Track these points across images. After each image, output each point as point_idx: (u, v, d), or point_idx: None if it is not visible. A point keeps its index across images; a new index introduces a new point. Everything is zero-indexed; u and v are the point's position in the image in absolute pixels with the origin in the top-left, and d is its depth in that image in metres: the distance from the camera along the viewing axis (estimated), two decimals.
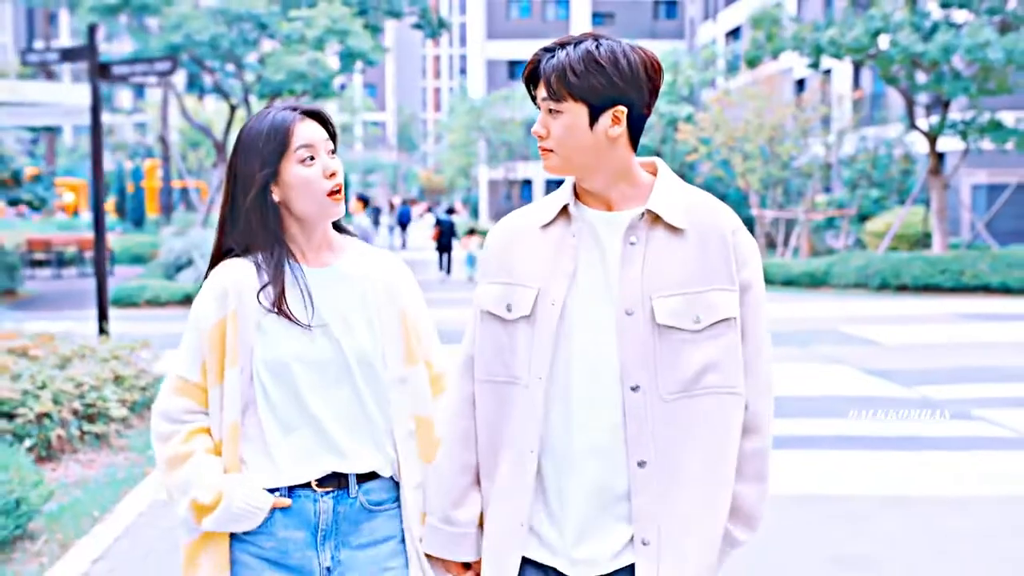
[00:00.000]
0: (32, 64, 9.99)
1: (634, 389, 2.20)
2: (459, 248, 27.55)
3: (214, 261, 2.50)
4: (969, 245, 25.12)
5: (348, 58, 22.14)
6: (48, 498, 5.76)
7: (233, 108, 24.46)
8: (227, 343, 2.40)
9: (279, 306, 2.39)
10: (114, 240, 28.90)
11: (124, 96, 71.94)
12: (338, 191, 2.42)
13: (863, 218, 27.40)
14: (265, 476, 2.41)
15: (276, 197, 2.41)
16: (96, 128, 9.66)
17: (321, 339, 2.42)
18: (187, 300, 18.23)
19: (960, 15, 21.66)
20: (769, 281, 23.53)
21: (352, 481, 2.43)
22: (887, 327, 15.52)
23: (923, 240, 25.29)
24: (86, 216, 39.15)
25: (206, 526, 2.39)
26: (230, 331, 2.40)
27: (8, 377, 7.36)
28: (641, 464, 2.20)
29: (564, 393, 2.25)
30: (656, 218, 2.26)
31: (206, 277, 2.49)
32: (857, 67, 32.07)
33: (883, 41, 21.04)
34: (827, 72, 35.36)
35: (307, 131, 2.41)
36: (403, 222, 42.99)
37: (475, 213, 64.83)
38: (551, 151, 2.27)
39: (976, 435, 8.41)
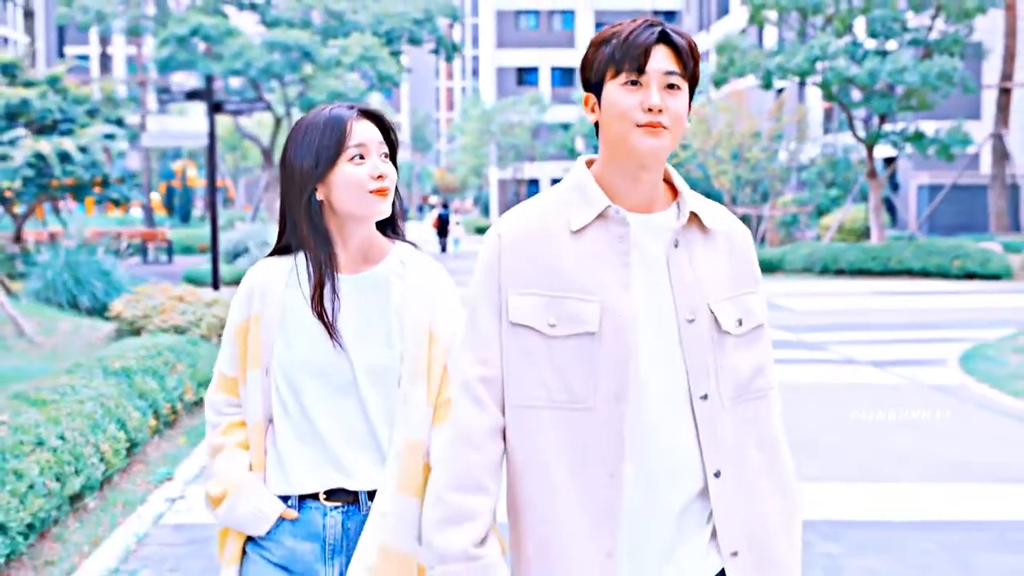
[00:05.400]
0: (167, 102, 14.09)
1: (703, 398, 2.09)
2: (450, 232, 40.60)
3: (272, 254, 2.49)
4: (909, 238, 29.17)
5: (377, 80, 26.35)
6: None
7: (278, 120, 28.70)
8: (249, 344, 2.42)
9: (318, 309, 2.35)
10: (168, 234, 33.11)
11: (150, 100, 76.04)
12: (383, 191, 2.37)
13: (821, 214, 31.55)
14: (277, 483, 2.39)
15: (320, 196, 2.37)
16: (212, 150, 13.78)
17: (332, 348, 2.36)
18: None
19: (890, 44, 25.74)
20: None
21: (363, 498, 2.36)
22: (807, 299, 19.64)
23: (866, 232, 29.38)
24: (136, 212, 43.39)
25: (215, 518, 2.43)
26: (252, 332, 2.42)
27: (178, 312, 11.53)
28: (717, 475, 2.10)
29: (636, 412, 2.07)
30: (692, 220, 2.15)
31: None
32: None
33: (823, 66, 25.18)
34: (802, 84, 39.34)
35: (362, 131, 2.37)
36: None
37: (486, 210, 69.10)
38: (667, 129, 2.06)
39: (817, 359, 12.49)
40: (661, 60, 2.05)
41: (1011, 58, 28.74)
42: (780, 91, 42.53)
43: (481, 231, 54.73)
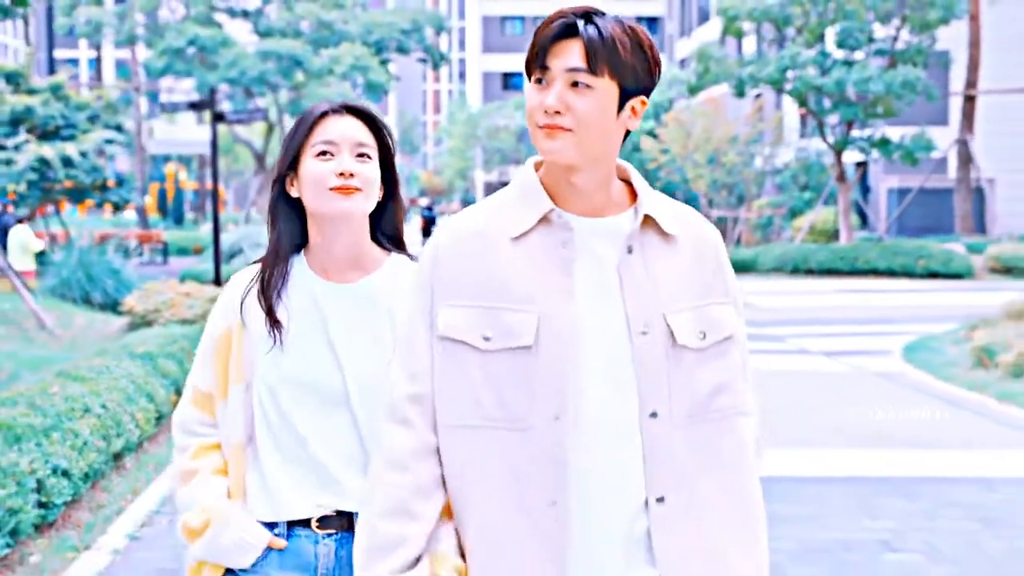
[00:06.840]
0: (168, 110, 15.13)
1: (653, 416, 1.92)
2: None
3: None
4: (877, 239, 30.36)
5: (366, 88, 27.48)
6: None
7: (271, 126, 29.78)
8: (231, 357, 2.25)
9: (269, 316, 2.20)
10: (163, 235, 34.10)
11: (142, 104, 76.96)
12: (345, 188, 2.17)
13: (795, 216, 32.77)
14: (262, 508, 2.21)
15: (295, 192, 2.24)
16: (214, 157, 14.80)
17: (324, 360, 2.20)
18: None
19: (857, 54, 26.97)
20: None
21: (357, 521, 2.12)
22: (774, 296, 20.75)
23: (836, 234, 30.59)
24: (129, 214, 44.30)
25: (194, 552, 2.23)
26: (235, 344, 2.25)
27: (185, 306, 12.57)
28: (660, 500, 1.93)
29: (574, 431, 1.91)
30: (649, 225, 1.98)
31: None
32: None
33: (793, 75, 26.40)
34: (780, 91, 40.64)
35: (335, 127, 2.20)
36: None
37: None
38: (568, 131, 1.89)
39: (773, 349, 13.58)
40: (566, 56, 1.89)
41: (975, 67, 29.98)
42: (758, 96, 43.86)
43: None
